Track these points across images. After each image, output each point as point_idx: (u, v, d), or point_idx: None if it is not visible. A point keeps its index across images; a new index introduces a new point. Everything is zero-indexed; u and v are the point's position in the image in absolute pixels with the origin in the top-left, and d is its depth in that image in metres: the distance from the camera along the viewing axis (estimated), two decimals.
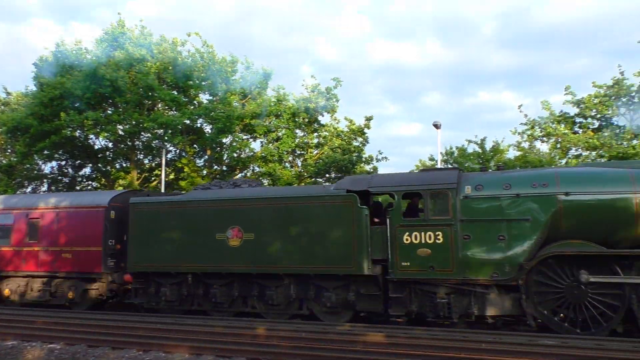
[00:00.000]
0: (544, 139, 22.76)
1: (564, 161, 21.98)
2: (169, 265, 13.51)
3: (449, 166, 25.63)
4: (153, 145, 25.18)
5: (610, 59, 79.98)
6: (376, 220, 12.18)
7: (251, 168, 26.12)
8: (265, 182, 23.64)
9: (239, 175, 26.25)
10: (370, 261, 11.75)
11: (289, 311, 12.85)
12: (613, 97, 20.97)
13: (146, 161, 27.13)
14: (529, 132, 22.95)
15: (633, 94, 20.69)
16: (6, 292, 15.56)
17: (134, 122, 23.16)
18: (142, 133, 24.56)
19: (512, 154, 25.36)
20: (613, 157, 19.01)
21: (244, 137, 25.39)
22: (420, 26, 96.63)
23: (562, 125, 21.73)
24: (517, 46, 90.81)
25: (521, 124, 23.39)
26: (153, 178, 26.96)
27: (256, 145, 25.89)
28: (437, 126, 22.47)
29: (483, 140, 25.31)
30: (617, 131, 20.89)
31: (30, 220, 15.58)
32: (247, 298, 13.13)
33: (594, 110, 21.33)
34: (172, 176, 26.40)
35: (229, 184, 14.71)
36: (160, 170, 24.03)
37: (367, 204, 12.12)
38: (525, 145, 25.04)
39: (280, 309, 12.83)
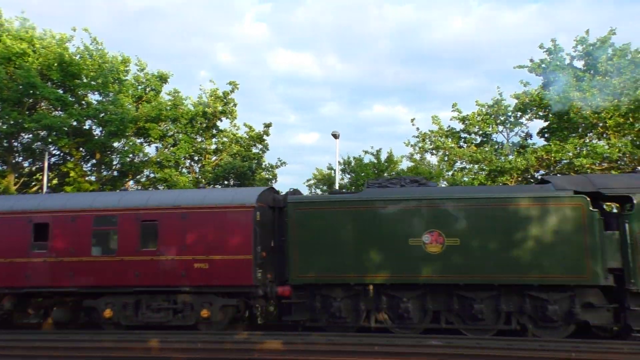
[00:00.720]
0: (434, 151, 24.21)
1: (450, 173, 23.56)
2: (345, 275, 11.65)
3: (347, 175, 26.49)
4: (34, 147, 23.15)
5: (492, 80, 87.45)
6: None
7: (145, 173, 24.97)
8: (161, 187, 22.71)
9: (131, 181, 24.98)
10: (606, 270, 10.75)
11: (495, 326, 11.51)
12: (493, 116, 22.87)
13: (26, 164, 24.87)
14: (420, 145, 24.28)
15: (509, 113, 22.73)
16: (107, 312, 12.69)
17: (12, 122, 21.17)
18: (22, 134, 22.51)
19: (405, 164, 26.72)
20: (492, 171, 20.71)
21: (138, 141, 24.21)
22: (320, 37, 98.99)
23: (450, 140, 23.26)
24: (410, 64, 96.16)
25: (413, 136, 24.73)
26: (33, 183, 24.77)
27: (151, 150, 24.83)
28: (335, 136, 23.02)
29: (379, 151, 26.39)
30: (496, 147, 22.83)
31: (143, 223, 12.82)
32: (439, 312, 11.69)
33: (477, 127, 23.09)
34: (55, 181, 24.44)
35: (405, 181, 12.77)
36: (42, 175, 22.16)
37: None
38: (417, 157, 26.49)
39: (485, 324, 11.50)
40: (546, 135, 22.51)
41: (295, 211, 12.11)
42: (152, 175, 24.32)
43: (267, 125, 25.44)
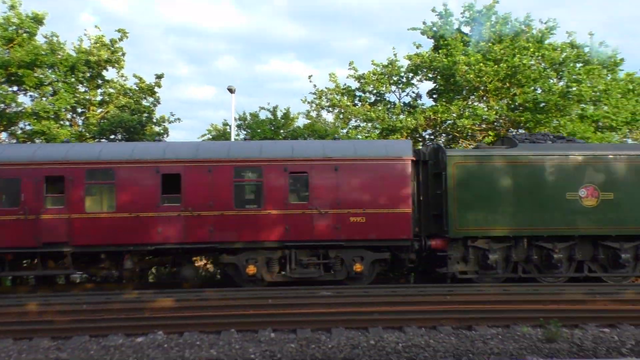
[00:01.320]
0: (330, 109, 24.55)
1: (345, 130, 24.11)
2: (502, 228, 12.31)
3: (243, 131, 26.11)
4: None
5: (387, 40, 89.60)
6: None
7: (20, 126, 22.69)
8: (38, 141, 20.83)
9: (3, 133, 22.62)
10: None
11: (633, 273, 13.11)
12: (387, 76, 23.56)
13: None
14: (317, 102, 24.48)
15: (402, 74, 23.55)
16: (250, 269, 12.37)
17: None
18: None
19: (301, 121, 26.84)
20: (385, 129, 21.52)
21: (10, 89, 21.83)
22: None
23: (345, 98, 23.69)
24: (307, 20, 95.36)
25: (310, 93, 24.82)
26: None
27: (26, 100, 22.53)
28: (231, 90, 22.48)
29: (275, 107, 26.21)
30: (389, 106, 23.67)
31: (291, 175, 12.49)
32: (583, 262, 13.00)
33: (372, 86, 23.70)
34: None
35: (550, 138, 13.73)
36: None
37: None
38: (314, 114, 26.71)
39: (625, 271, 12.98)
40: (434, 96, 23.74)
41: (455, 165, 12.52)
42: (28, 127, 22.17)
43: (159, 77, 24.09)
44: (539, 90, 20.95)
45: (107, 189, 12.66)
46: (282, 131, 25.39)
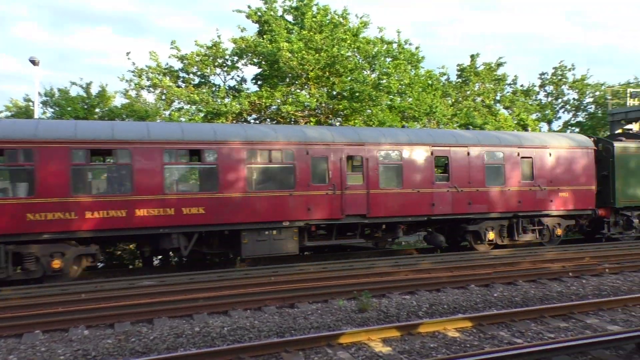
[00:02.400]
0: (151, 89, 23.28)
1: (167, 112, 23.11)
2: None
3: (50, 109, 23.32)
4: None
5: (211, 21, 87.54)
6: None
7: None
8: None
9: None
10: None
11: None
12: (211, 58, 23.13)
13: None
14: (136, 81, 23.01)
15: (227, 57, 23.35)
16: (491, 235, 15.76)
17: None
18: None
19: (119, 101, 24.96)
20: (209, 113, 21.16)
21: None
22: None
23: (168, 78, 22.67)
24: None
25: (129, 71, 23.21)
26: None
27: None
28: (34, 62, 19.89)
29: (89, 84, 23.93)
30: (214, 89, 23.31)
31: (522, 159, 15.95)
32: None
33: (196, 68, 23.06)
34: None
35: None
36: None
37: None
38: (133, 93, 25.05)
39: None
40: (259, 82, 24.03)
41: (619, 153, 17.13)
42: None
43: None
44: (355, 81, 22.55)
45: (394, 169, 14.77)
46: (97, 110, 23.32)
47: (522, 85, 36.07)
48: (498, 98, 33.27)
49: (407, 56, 24.59)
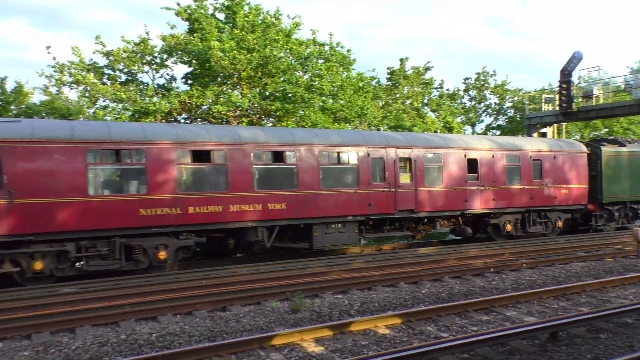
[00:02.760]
0: (74, 85, 22.13)
1: (92, 110, 22.07)
2: (625, 196, 20.73)
3: None
4: None
5: (139, 17, 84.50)
6: None
7: None
8: None
9: None
10: None
11: None
12: (139, 54, 22.33)
13: None
14: (58, 77, 21.78)
15: (156, 54, 22.63)
16: (509, 227, 18.16)
17: None
18: None
19: (37, 98, 23.56)
20: (137, 112, 20.41)
21: None
22: None
23: (92, 74, 21.64)
24: None
25: (49, 66, 21.94)
26: None
27: None
28: None
29: (4, 79, 22.41)
30: (142, 87, 22.51)
31: (533, 162, 18.56)
32: None
33: (122, 64, 22.17)
34: None
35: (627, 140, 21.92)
36: None
37: None
38: (54, 90, 23.73)
39: None
40: (190, 81, 23.48)
41: (606, 156, 20.10)
42: None
43: None
44: (287, 82, 22.56)
45: (436, 169, 16.56)
46: (12, 107, 21.88)
47: (448, 90, 37.60)
48: (426, 101, 34.49)
49: (339, 58, 24.93)
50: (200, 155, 13.28)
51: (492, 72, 38.51)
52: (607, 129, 37.24)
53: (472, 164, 17.21)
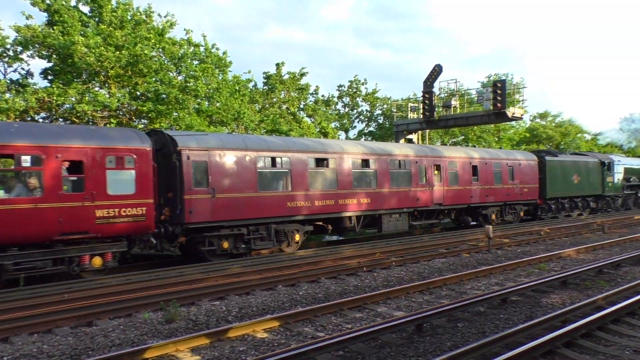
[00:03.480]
0: None
1: None
2: (559, 193, 27.58)
3: None
4: None
5: None
6: None
7: None
8: None
9: None
10: None
11: None
12: None
13: None
14: None
15: (8, 46, 20.40)
16: (493, 216, 23.94)
17: None
18: None
19: None
20: None
21: None
22: None
23: None
24: None
25: None
26: None
27: None
28: None
29: None
30: None
31: (508, 167, 24.57)
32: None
33: None
34: None
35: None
36: None
37: None
38: None
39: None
40: (50, 77, 21.51)
41: (549, 163, 26.54)
42: None
43: None
44: (160, 82, 21.67)
45: (454, 173, 21.84)
46: None
47: (323, 96, 38.82)
48: (302, 106, 35.25)
49: (215, 60, 24.51)
50: (321, 161, 17.04)
51: (364, 81, 40.58)
52: (463, 137, 41.08)
53: (475, 169, 22.70)
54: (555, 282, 10.75)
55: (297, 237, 16.50)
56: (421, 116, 28.53)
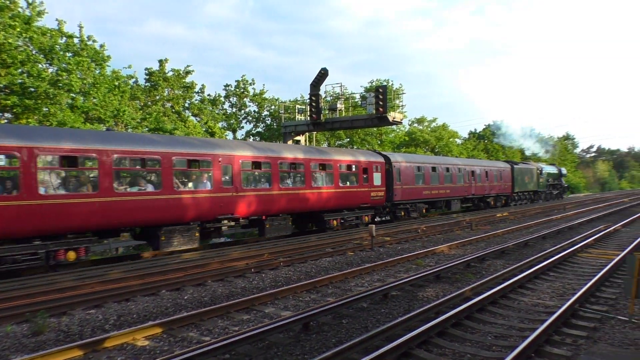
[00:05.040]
0: None
1: None
2: (517, 189, 41.39)
3: None
4: None
5: None
6: None
7: None
8: None
9: None
10: None
11: None
12: None
13: None
14: None
15: None
16: (492, 202, 35.71)
17: None
18: None
19: None
20: None
21: None
22: None
23: None
24: None
25: None
26: None
27: None
28: None
29: None
30: None
31: (497, 171, 37.90)
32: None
33: None
34: None
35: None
36: None
37: None
38: None
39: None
40: None
41: (516, 169, 41.24)
42: None
43: None
44: (28, 75, 19.77)
45: (481, 175, 35.90)
46: None
47: (209, 95, 37.99)
48: (187, 105, 34.20)
49: (91, 54, 22.91)
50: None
51: (251, 81, 40.40)
52: (348, 139, 42.57)
53: (478, 173, 34.89)
54: (430, 277, 11.54)
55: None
56: (308, 118, 29.07)
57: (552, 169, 51.52)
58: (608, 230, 20.53)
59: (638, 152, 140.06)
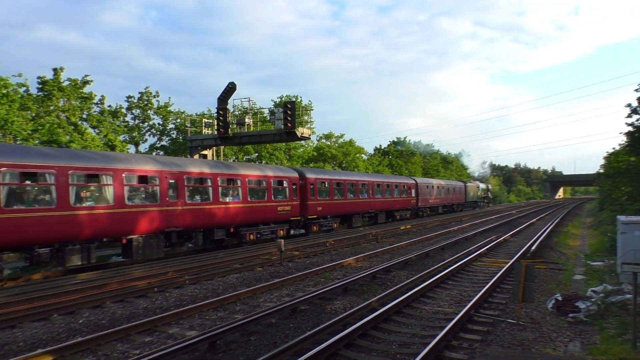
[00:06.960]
0: None
1: None
2: (469, 199, 59.93)
3: None
4: None
5: None
6: None
7: None
8: None
9: None
10: None
11: None
12: None
13: None
14: None
15: None
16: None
17: None
18: None
19: None
20: None
21: None
22: None
23: None
24: None
25: None
26: None
27: None
28: None
29: None
30: None
31: (461, 187, 57.36)
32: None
33: None
34: None
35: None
36: None
37: None
38: None
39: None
40: None
41: (467, 187, 59.85)
42: None
43: None
44: None
45: (443, 191, 51.99)
46: None
47: (110, 106, 36.15)
48: (85, 116, 32.27)
49: None
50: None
51: (155, 93, 39.05)
52: (257, 154, 42.38)
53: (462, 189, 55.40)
54: (338, 290, 11.73)
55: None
56: (216, 132, 28.58)
57: (484, 186, 69.96)
58: (498, 240, 22.17)
59: (523, 169, 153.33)
